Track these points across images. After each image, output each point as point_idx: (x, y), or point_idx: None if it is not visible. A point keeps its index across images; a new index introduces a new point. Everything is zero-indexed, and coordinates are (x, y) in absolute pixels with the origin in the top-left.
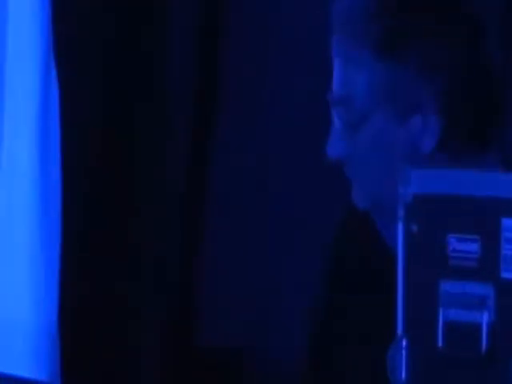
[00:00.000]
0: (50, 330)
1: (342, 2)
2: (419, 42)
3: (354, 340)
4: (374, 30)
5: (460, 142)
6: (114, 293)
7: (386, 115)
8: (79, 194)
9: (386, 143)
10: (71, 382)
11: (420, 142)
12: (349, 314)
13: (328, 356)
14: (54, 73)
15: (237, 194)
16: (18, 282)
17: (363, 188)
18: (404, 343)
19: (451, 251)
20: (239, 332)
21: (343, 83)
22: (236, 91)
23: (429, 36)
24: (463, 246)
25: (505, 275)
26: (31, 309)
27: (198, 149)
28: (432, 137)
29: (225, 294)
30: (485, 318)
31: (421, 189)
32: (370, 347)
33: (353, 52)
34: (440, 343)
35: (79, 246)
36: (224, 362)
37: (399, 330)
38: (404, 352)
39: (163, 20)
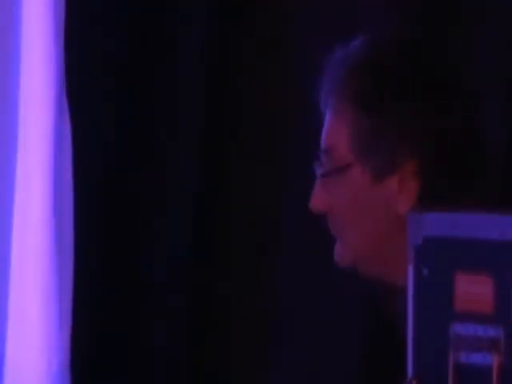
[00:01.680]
0: (62, 372)
1: (332, 59)
2: (399, 104)
3: None
4: (356, 85)
5: (433, 203)
6: (127, 335)
7: (363, 170)
8: (92, 229)
9: (361, 199)
10: None
11: (395, 204)
12: None
13: None
14: (66, 106)
15: (252, 201)
16: (31, 325)
17: (344, 242)
18: None
19: (462, 294)
20: None
21: (328, 134)
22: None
23: (408, 100)
24: (474, 289)
25: None
26: (43, 351)
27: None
28: (408, 200)
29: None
30: (495, 362)
31: (431, 231)
32: None
33: (337, 104)
34: None
35: (92, 288)
36: None
37: (410, 373)
38: None
39: (175, 53)
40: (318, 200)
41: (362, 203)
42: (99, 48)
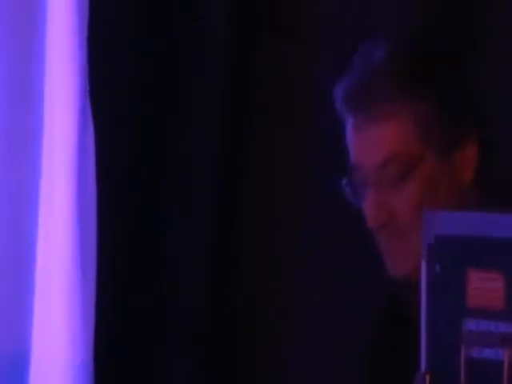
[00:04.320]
0: (85, 368)
1: (353, 77)
2: (444, 83)
3: None
4: (402, 80)
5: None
6: (149, 330)
7: (433, 155)
8: (114, 225)
9: (434, 186)
10: None
11: (461, 176)
12: None
13: None
14: (90, 116)
15: (270, 204)
16: (56, 320)
17: (410, 247)
18: (428, 379)
19: (473, 290)
20: None
21: (384, 143)
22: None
23: (452, 79)
24: (485, 285)
25: None
26: (68, 347)
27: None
28: (471, 168)
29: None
30: (507, 357)
31: (443, 230)
32: None
33: (387, 107)
34: (462, 380)
35: (114, 284)
36: None
37: (422, 367)
38: None
39: (197, 62)
40: (381, 210)
41: (434, 191)
42: (121, 57)
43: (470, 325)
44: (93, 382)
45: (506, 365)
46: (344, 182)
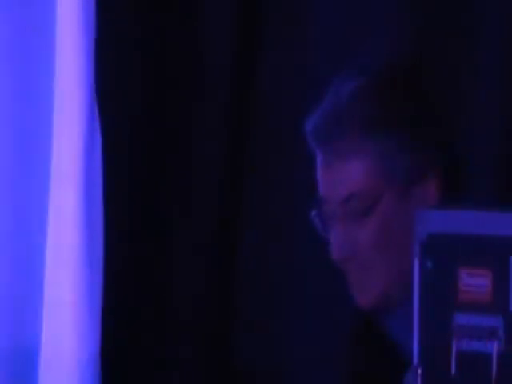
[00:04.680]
0: (92, 361)
1: (319, 114)
2: (402, 123)
3: None
4: (366, 120)
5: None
6: (154, 325)
7: (391, 193)
8: (120, 220)
9: (392, 222)
10: None
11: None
12: None
13: None
14: (97, 117)
15: (272, 206)
16: (64, 317)
17: (373, 281)
18: (420, 371)
19: (463, 286)
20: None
21: (347, 181)
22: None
23: (409, 115)
24: (474, 281)
25: None
26: (75, 341)
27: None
28: (431, 203)
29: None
30: (495, 349)
31: (435, 228)
32: None
33: (349, 144)
34: (453, 371)
35: (120, 280)
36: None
37: (415, 359)
38: (419, 379)
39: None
40: (344, 245)
41: (393, 229)
42: (127, 62)
43: (460, 319)
44: (100, 374)
45: (494, 357)
46: (313, 213)
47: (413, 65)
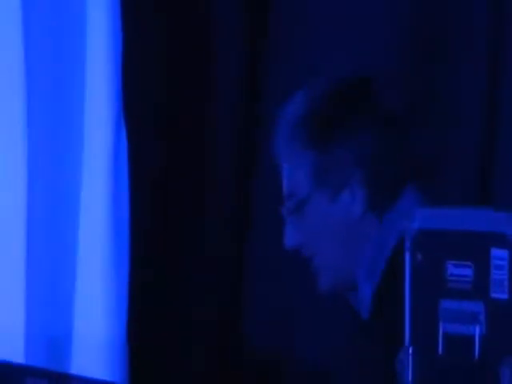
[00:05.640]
0: (120, 338)
1: (282, 117)
2: (340, 135)
3: None
4: (303, 131)
5: (381, 202)
6: (178, 304)
7: (321, 196)
8: (144, 211)
9: (326, 220)
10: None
11: (351, 211)
12: None
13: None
14: (123, 126)
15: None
16: (94, 298)
17: (323, 272)
18: (410, 351)
19: (449, 275)
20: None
21: (288, 180)
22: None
23: (346, 128)
24: (459, 271)
25: (494, 295)
26: (104, 320)
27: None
28: (360, 206)
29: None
30: (477, 331)
31: (424, 225)
32: None
33: (292, 154)
34: (440, 351)
35: (146, 267)
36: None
37: (407, 341)
38: (410, 358)
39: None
40: (290, 238)
41: (328, 226)
42: (150, 75)
43: (447, 305)
44: (127, 356)
45: (476, 338)
46: (282, 209)
47: (359, 80)
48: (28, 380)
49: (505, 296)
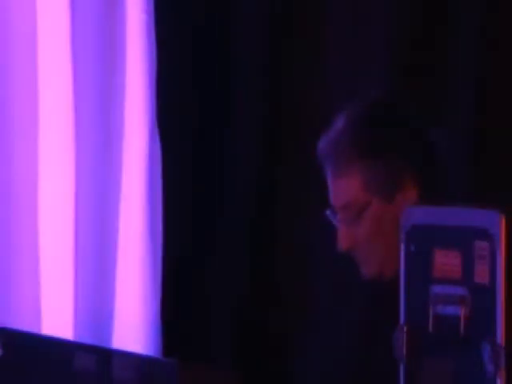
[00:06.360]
0: (155, 317)
1: (324, 140)
2: (393, 147)
3: None
4: (354, 150)
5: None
6: (205, 291)
7: (378, 201)
8: (176, 218)
9: (382, 222)
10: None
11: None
12: None
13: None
14: (157, 134)
15: (306, 196)
16: (132, 282)
17: (371, 263)
18: (405, 329)
19: (439, 264)
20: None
21: (341, 193)
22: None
23: (398, 142)
24: (447, 260)
25: (477, 281)
26: (140, 303)
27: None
28: (411, 203)
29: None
30: (462, 312)
31: (417, 221)
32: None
33: (342, 167)
34: (430, 329)
35: (180, 251)
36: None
37: (401, 320)
38: (405, 335)
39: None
40: (345, 240)
41: (383, 225)
42: (182, 90)
43: (436, 289)
44: (161, 337)
45: (462, 318)
46: (328, 212)
47: (392, 102)
48: (77, 354)
49: (486, 281)
